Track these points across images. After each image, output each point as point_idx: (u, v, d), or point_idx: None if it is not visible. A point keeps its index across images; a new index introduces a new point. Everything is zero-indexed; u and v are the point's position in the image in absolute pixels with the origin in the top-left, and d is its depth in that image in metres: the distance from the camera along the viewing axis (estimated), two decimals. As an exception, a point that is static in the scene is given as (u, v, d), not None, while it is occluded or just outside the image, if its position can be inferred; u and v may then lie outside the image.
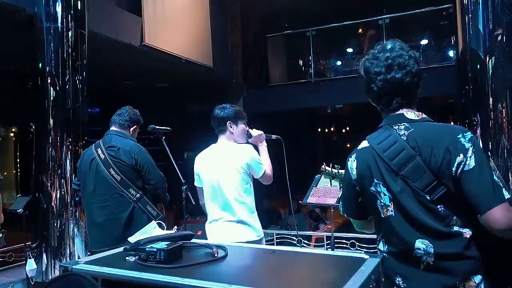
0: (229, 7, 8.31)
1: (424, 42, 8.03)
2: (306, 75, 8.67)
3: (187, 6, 7.00)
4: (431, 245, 1.31)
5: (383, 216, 1.41)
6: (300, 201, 3.57)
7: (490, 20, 3.84)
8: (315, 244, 5.77)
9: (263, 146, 2.70)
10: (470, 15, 3.98)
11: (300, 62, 9.15)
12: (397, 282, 1.39)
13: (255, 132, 2.69)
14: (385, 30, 7.89)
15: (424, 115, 1.43)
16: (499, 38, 3.80)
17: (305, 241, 5.64)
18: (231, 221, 2.52)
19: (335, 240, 4.60)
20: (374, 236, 1.54)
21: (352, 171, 1.49)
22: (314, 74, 8.47)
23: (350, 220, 1.63)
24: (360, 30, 8.66)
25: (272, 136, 2.80)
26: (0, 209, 2.91)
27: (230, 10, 8.35)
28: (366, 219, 1.56)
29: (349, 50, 8.80)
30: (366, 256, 1.52)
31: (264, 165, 2.58)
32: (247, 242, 2.38)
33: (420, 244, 1.32)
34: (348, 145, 10.77)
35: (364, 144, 1.48)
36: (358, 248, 5.19)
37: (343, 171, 2.23)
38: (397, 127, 1.40)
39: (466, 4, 4.02)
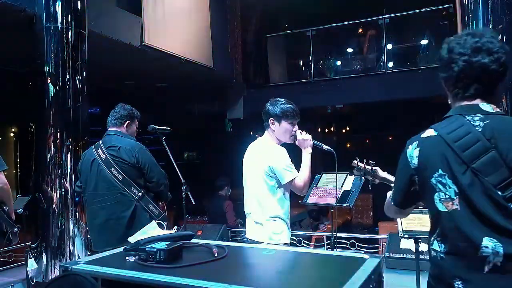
0: (229, 7, 8.31)
1: (424, 42, 8.03)
2: (306, 75, 8.67)
3: (187, 6, 6.99)
4: (500, 244, 1.20)
5: (445, 210, 1.29)
6: (300, 201, 3.57)
7: (490, 20, 3.84)
8: (315, 244, 5.77)
9: (306, 153, 2.53)
10: (470, 15, 3.98)
11: (300, 62, 9.14)
12: (456, 285, 1.25)
13: (300, 136, 2.53)
14: (385, 30, 7.89)
15: (498, 109, 1.32)
16: (499, 38, 3.80)
17: (305, 241, 5.64)
18: (252, 219, 2.55)
19: (335, 240, 4.60)
20: (374, 236, 1.53)
21: (412, 160, 1.37)
22: (314, 74, 8.46)
23: (350, 220, 1.62)
24: (360, 30, 8.66)
25: (324, 146, 2.59)
26: (12, 206, 2.92)
27: (230, 10, 8.34)
28: (409, 208, 1.51)
29: (349, 50, 8.80)
30: (366, 256, 1.52)
31: (294, 173, 2.43)
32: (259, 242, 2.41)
33: (488, 242, 1.21)
34: (348, 145, 10.76)
35: (430, 132, 1.36)
36: (358, 248, 5.19)
37: (377, 168, 2.11)
38: (470, 117, 1.29)
39: (466, 4, 4.02)
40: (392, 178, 1.94)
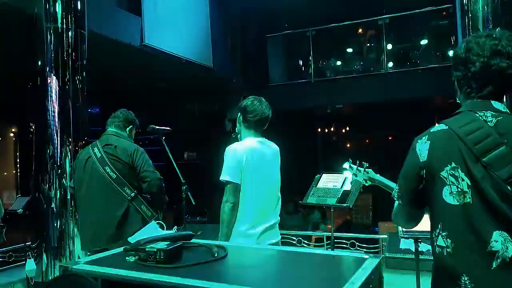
0: (229, 7, 8.31)
1: (424, 42, 8.03)
2: (306, 75, 8.68)
3: (187, 6, 6.99)
4: (509, 239, 1.21)
5: (456, 203, 1.27)
6: (300, 201, 3.57)
7: (490, 20, 3.84)
8: (315, 244, 5.77)
9: None
10: (470, 15, 3.98)
11: (300, 62, 9.15)
12: (463, 281, 1.24)
13: None
14: (385, 30, 7.89)
15: (507, 109, 1.34)
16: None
17: (305, 241, 5.64)
18: (273, 222, 2.51)
19: (335, 240, 4.60)
20: (374, 236, 1.52)
21: (421, 153, 1.35)
22: (314, 74, 8.47)
23: (350, 220, 1.61)
24: (360, 30, 8.66)
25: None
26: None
27: (230, 10, 8.34)
28: (421, 210, 1.44)
29: (349, 50, 8.80)
30: (366, 256, 1.52)
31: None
32: None
33: (498, 236, 1.21)
34: (348, 145, 10.77)
35: (440, 127, 1.36)
36: (358, 248, 5.19)
37: (370, 170, 2.05)
38: (482, 113, 1.31)
39: (466, 4, 4.02)
40: (385, 181, 1.93)
